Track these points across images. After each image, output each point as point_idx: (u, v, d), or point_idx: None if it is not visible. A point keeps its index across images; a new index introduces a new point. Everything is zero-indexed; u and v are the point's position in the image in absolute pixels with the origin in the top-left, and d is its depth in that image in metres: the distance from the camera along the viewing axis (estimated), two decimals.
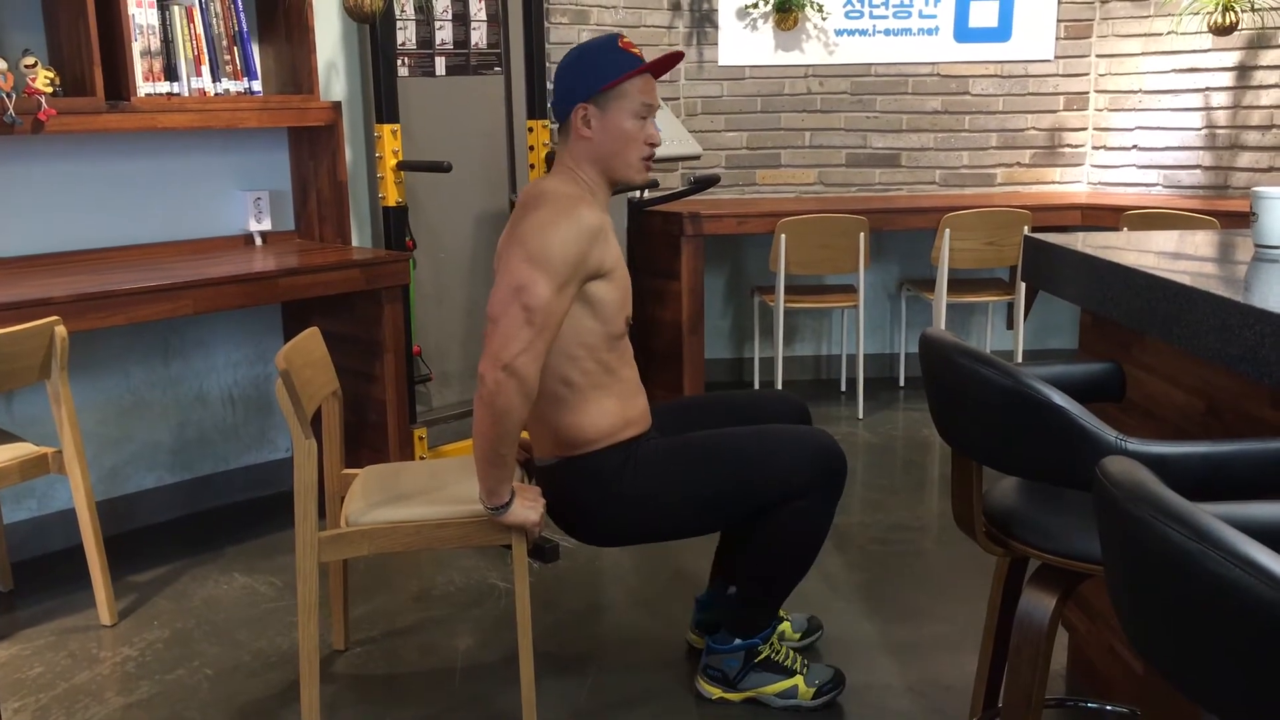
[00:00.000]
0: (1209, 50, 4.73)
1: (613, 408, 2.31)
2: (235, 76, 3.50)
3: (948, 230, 4.49)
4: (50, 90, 3.06)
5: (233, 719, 2.47)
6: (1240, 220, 4.01)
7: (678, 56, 2.32)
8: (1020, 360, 4.74)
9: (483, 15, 4.08)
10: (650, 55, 2.34)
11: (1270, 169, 4.58)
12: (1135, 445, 1.43)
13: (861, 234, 4.46)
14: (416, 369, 3.77)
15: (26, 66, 3.04)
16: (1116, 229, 4.34)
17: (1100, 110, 5.14)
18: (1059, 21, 5.09)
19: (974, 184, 5.22)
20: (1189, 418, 1.97)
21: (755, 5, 4.99)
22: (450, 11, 3.99)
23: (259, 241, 3.78)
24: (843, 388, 5.19)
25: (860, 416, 4.73)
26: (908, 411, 4.82)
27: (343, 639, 2.77)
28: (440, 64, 4.00)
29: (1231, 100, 4.69)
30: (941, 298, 4.58)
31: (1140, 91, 4.99)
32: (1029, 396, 1.51)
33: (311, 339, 2.45)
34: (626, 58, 2.25)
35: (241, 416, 3.86)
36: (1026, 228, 4.48)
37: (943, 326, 4.68)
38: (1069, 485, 1.53)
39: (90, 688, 2.61)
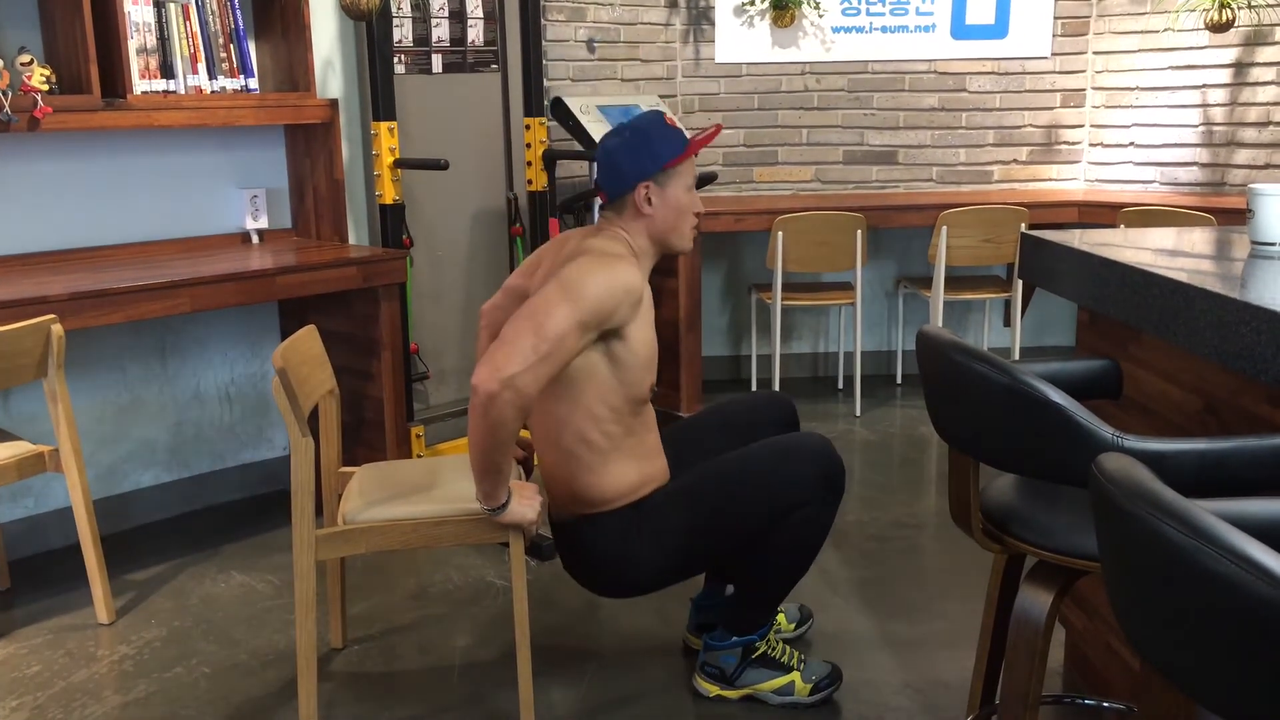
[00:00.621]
0: (1205, 47, 4.74)
1: (631, 470, 2.34)
2: (232, 74, 3.50)
3: (945, 228, 4.49)
4: (46, 88, 3.05)
5: (230, 717, 2.47)
6: (1237, 217, 4.01)
7: (716, 131, 2.40)
8: (1017, 357, 4.74)
9: (479, 12, 4.07)
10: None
11: (1267, 166, 4.58)
12: (1132, 442, 1.44)
13: (859, 231, 4.46)
14: (414, 367, 3.77)
15: (22, 64, 3.04)
16: (1113, 226, 4.34)
17: (1097, 107, 5.15)
18: (1056, 19, 5.09)
19: (971, 181, 5.22)
20: (1186, 414, 1.97)
21: (752, 2, 4.99)
22: (447, 8, 3.99)
23: (256, 239, 3.77)
24: (840, 385, 5.20)
25: (858, 414, 4.73)
26: (905, 409, 4.83)
27: (340, 637, 2.77)
28: (437, 61, 4.00)
29: (1228, 97, 4.70)
30: (939, 295, 4.59)
31: (1137, 89, 5.00)
32: (1026, 394, 1.51)
33: (308, 337, 2.45)
34: (680, 136, 2.33)
35: (238, 415, 3.86)
36: (1023, 225, 4.48)
37: (940, 324, 4.69)
38: (1066, 482, 1.54)
39: (88, 686, 2.61)
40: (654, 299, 2.35)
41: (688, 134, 2.36)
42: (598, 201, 2.46)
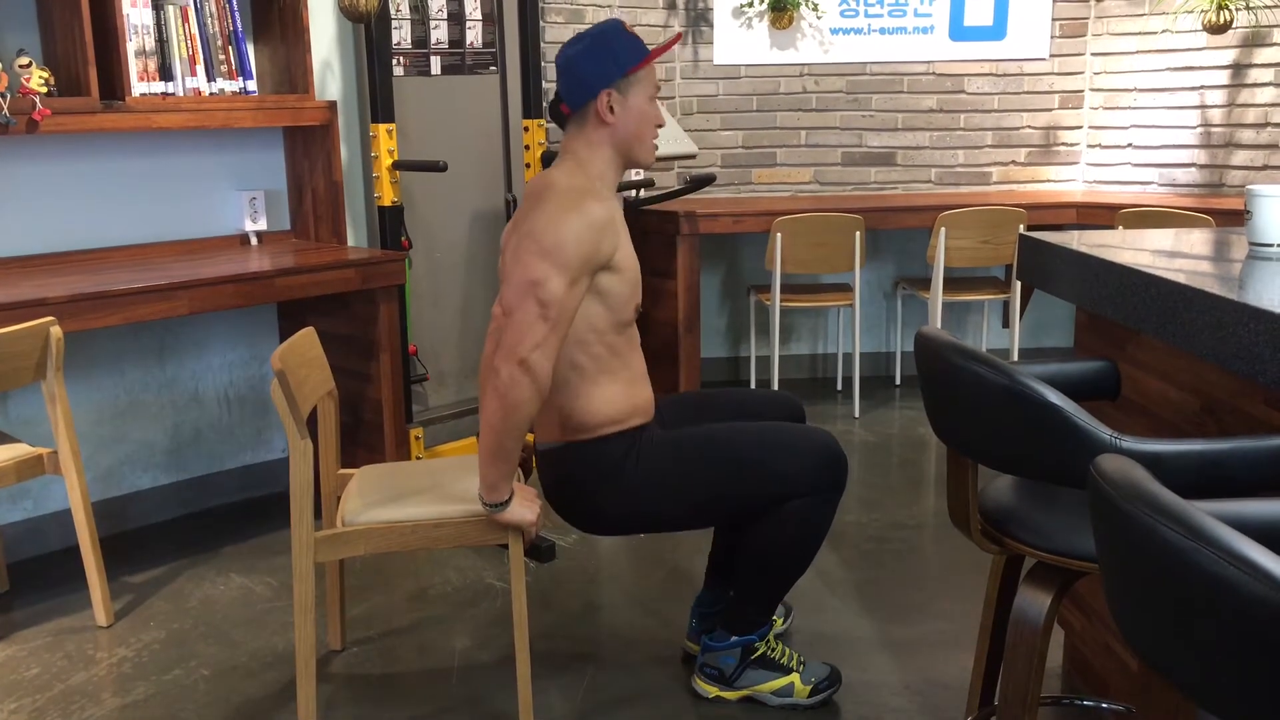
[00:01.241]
0: (1204, 49, 4.74)
1: (619, 394, 2.32)
2: (230, 76, 3.50)
3: (943, 229, 4.49)
4: (45, 90, 3.05)
5: (229, 719, 2.47)
6: (1235, 218, 4.01)
7: (677, 38, 2.37)
8: (1016, 359, 4.74)
9: (478, 14, 4.08)
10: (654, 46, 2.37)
11: (1265, 167, 4.59)
12: (1130, 443, 1.44)
13: (857, 233, 4.46)
14: (412, 369, 3.77)
15: (21, 66, 3.04)
16: (1112, 227, 4.35)
17: (1095, 109, 5.15)
18: (1054, 20, 5.10)
19: (969, 182, 5.22)
20: (1184, 416, 1.97)
21: (750, 4, 4.99)
22: (445, 11, 3.99)
23: (254, 241, 3.77)
24: (839, 386, 5.20)
25: (856, 415, 4.73)
26: (903, 410, 4.83)
27: (339, 639, 2.77)
28: (436, 63, 4.00)
29: (1226, 99, 4.70)
30: (937, 296, 4.59)
31: (1135, 90, 5.00)
32: (1024, 395, 1.51)
33: (307, 339, 2.45)
34: (639, 43, 2.30)
35: (237, 417, 3.86)
36: (1022, 226, 4.49)
37: (938, 325, 4.69)
38: (1064, 483, 1.54)
39: (86, 689, 2.60)
40: (652, 300, 2.36)
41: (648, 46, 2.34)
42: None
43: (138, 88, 3.27)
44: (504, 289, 2.19)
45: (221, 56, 3.48)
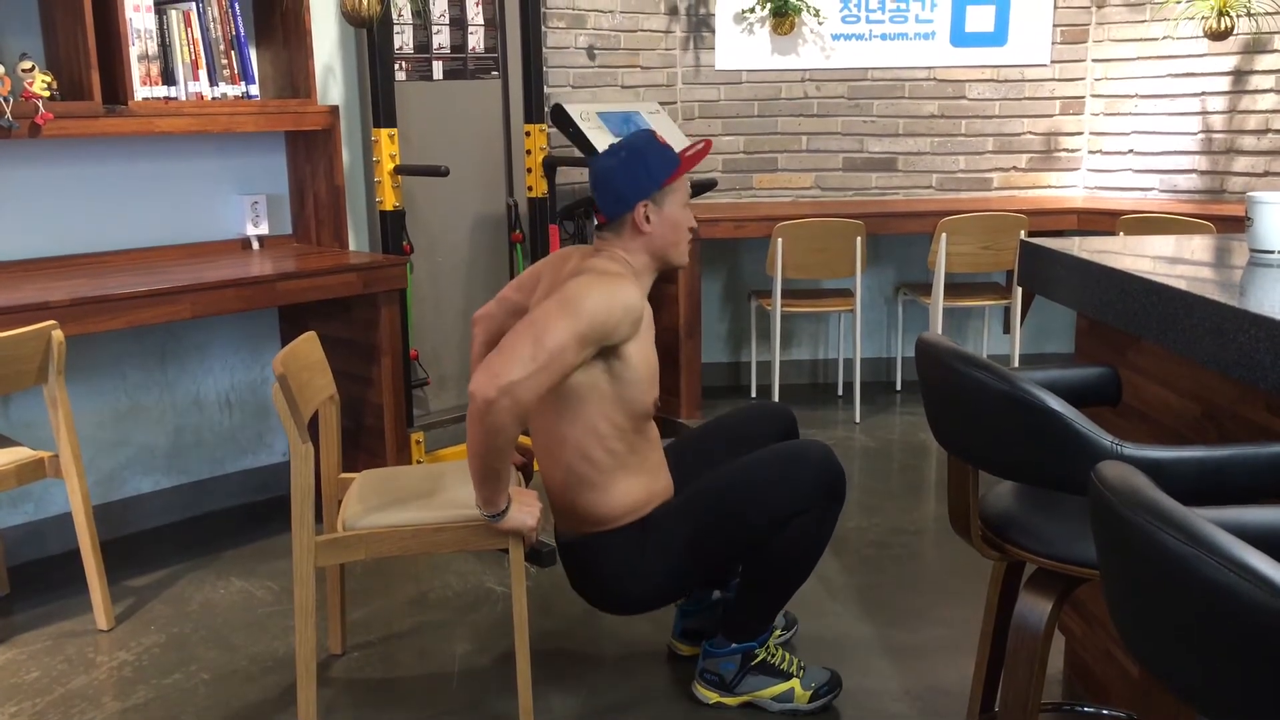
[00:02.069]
0: (1204, 55, 4.74)
1: (637, 486, 2.35)
2: (232, 80, 3.50)
3: (944, 235, 4.49)
4: (47, 94, 3.06)
5: None
6: (1236, 225, 4.02)
7: (707, 147, 2.41)
8: (1016, 365, 4.74)
9: (480, 19, 4.08)
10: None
11: (1266, 173, 4.59)
12: (1131, 450, 1.44)
13: (858, 238, 4.46)
14: (414, 373, 3.77)
15: (24, 70, 3.04)
16: (1112, 233, 4.35)
17: (1096, 115, 5.16)
18: (1055, 26, 5.10)
19: (970, 188, 5.23)
20: (1185, 422, 1.97)
21: (752, 10, 5.00)
22: (447, 16, 3.99)
23: (256, 245, 3.78)
24: (839, 392, 5.20)
25: (857, 420, 4.73)
26: (904, 416, 4.83)
27: (339, 643, 2.77)
28: (438, 68, 4.00)
29: (1227, 105, 4.70)
30: (938, 302, 4.59)
31: (1136, 96, 5.00)
32: (1025, 401, 1.51)
33: (308, 343, 2.45)
34: (672, 153, 2.35)
35: (238, 421, 3.86)
36: (1023, 232, 4.49)
37: (939, 331, 4.69)
38: (1065, 490, 1.54)
39: (87, 692, 2.60)
40: (654, 305, 2.37)
41: (678, 149, 2.39)
42: (594, 221, 2.50)
43: (140, 92, 3.28)
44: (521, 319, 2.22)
45: (224, 61, 3.49)
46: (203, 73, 3.43)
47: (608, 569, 2.36)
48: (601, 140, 3.93)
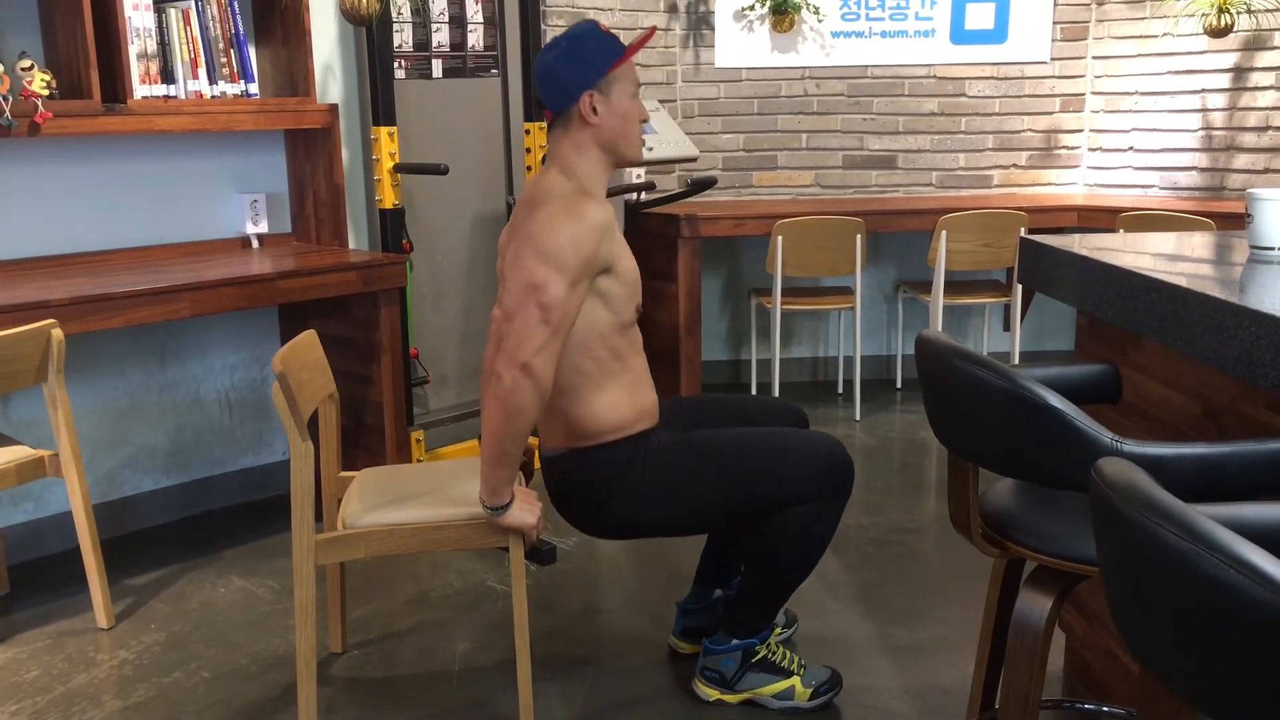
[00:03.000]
0: (1205, 52, 4.74)
1: (624, 399, 2.32)
2: (232, 79, 3.50)
3: (944, 232, 4.49)
4: (46, 93, 3.05)
5: None
6: (1236, 222, 4.01)
7: (651, 33, 2.36)
8: (1017, 362, 4.74)
9: (479, 18, 4.08)
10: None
11: (1266, 170, 4.59)
12: (1131, 447, 1.44)
13: (858, 236, 4.46)
14: (414, 371, 3.77)
15: (23, 69, 3.04)
16: (1112, 231, 4.35)
17: (1096, 112, 5.15)
18: (1055, 23, 5.10)
19: (970, 186, 5.23)
20: (1185, 419, 1.97)
21: (752, 7, 5.00)
22: (447, 14, 3.99)
23: (256, 244, 3.78)
24: (840, 390, 5.20)
25: (857, 418, 4.73)
26: (904, 413, 4.83)
27: (340, 642, 2.77)
28: (437, 66, 4.00)
29: (1227, 102, 4.70)
30: (938, 300, 4.59)
31: (1136, 93, 5.00)
32: (1025, 398, 1.51)
33: (308, 342, 2.45)
34: (615, 41, 2.30)
35: (238, 419, 3.86)
36: (1023, 230, 4.49)
37: (939, 328, 4.69)
38: (1065, 487, 1.54)
39: (87, 691, 2.60)
40: (654, 302, 2.36)
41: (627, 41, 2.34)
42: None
43: (139, 90, 3.27)
44: (503, 293, 2.19)
45: (223, 59, 3.48)
46: (202, 71, 3.42)
47: (589, 485, 2.33)
48: None
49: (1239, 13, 4.45)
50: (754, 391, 5.08)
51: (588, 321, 2.25)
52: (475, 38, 4.08)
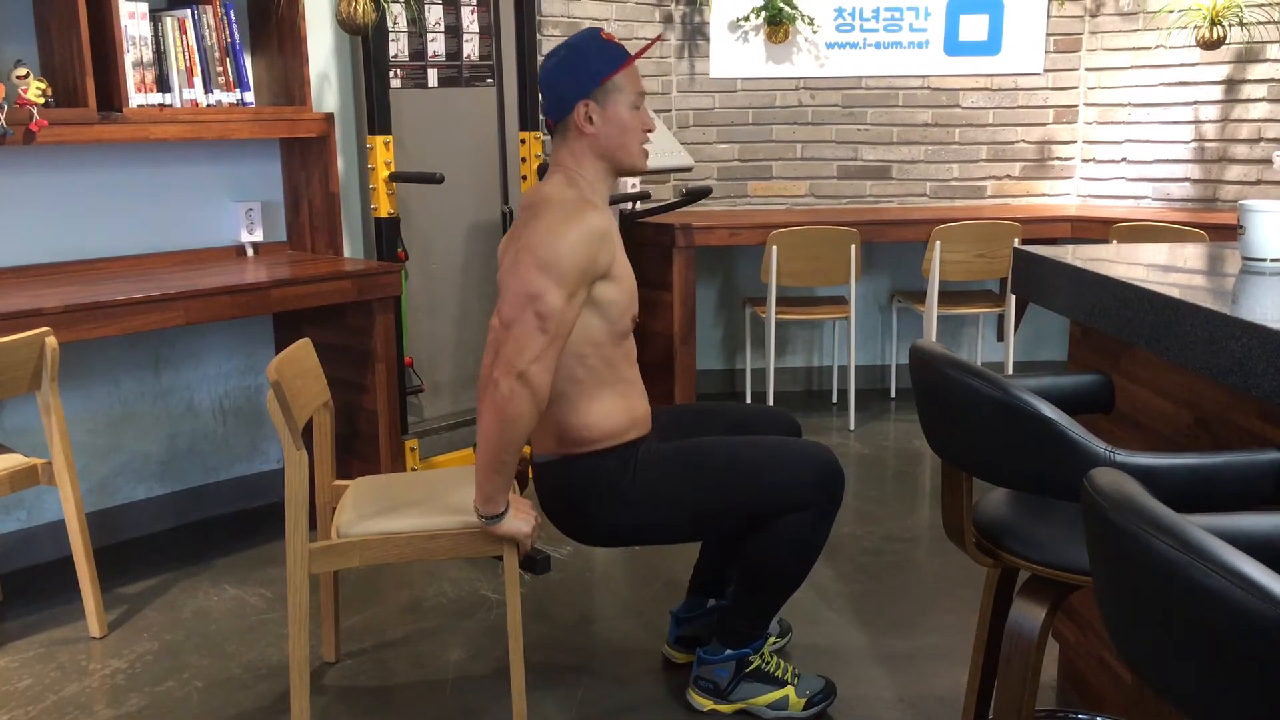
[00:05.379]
0: (1197, 64, 4.77)
1: (616, 407, 2.32)
2: (227, 88, 3.50)
3: (938, 242, 4.50)
4: (42, 101, 3.06)
5: None
6: (1229, 233, 4.03)
7: (656, 40, 2.36)
8: (1010, 372, 4.75)
9: (475, 27, 4.09)
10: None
11: (1259, 182, 4.61)
12: (1124, 457, 1.44)
13: (852, 246, 4.47)
14: (408, 380, 3.77)
15: (18, 77, 3.04)
16: (1106, 241, 4.36)
17: (1089, 123, 5.17)
18: (1048, 35, 5.12)
19: (964, 196, 5.24)
20: (1178, 429, 1.98)
21: (746, 18, 5.01)
22: (442, 24, 4.00)
23: (251, 252, 3.78)
24: (834, 399, 5.20)
25: (851, 427, 4.73)
26: (898, 423, 4.83)
27: (333, 651, 2.77)
28: (433, 76, 4.01)
29: (1220, 114, 4.72)
30: (932, 309, 4.60)
31: (1129, 105, 5.02)
32: (1018, 408, 1.52)
33: (303, 350, 2.45)
34: (615, 50, 2.28)
35: (232, 427, 3.85)
36: (1016, 240, 4.50)
37: (933, 338, 4.70)
38: (1058, 496, 1.54)
39: (79, 700, 2.60)
40: (648, 312, 2.36)
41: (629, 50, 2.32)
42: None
43: (135, 99, 3.27)
44: (501, 301, 2.20)
45: (219, 68, 3.49)
46: (198, 80, 3.43)
47: (580, 492, 2.32)
48: None
49: (1231, 25, 4.47)
50: (748, 401, 5.08)
51: (582, 330, 2.25)
52: (471, 47, 4.09)
